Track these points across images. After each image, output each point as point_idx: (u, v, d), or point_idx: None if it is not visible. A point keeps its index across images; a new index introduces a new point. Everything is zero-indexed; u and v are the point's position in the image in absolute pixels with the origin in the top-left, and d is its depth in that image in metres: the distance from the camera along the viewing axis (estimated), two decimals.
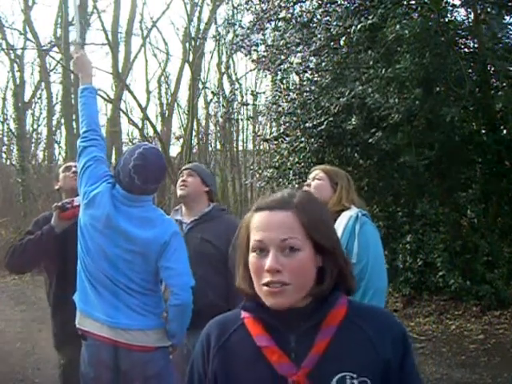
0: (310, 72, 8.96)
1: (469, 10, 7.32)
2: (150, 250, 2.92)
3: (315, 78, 8.69)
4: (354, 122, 7.07)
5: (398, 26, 6.48)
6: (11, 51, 18.72)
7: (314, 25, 8.33)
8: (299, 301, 1.40)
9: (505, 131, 7.48)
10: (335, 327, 1.40)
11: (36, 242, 3.31)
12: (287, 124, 9.20)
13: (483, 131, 7.50)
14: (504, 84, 7.09)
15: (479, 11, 7.11)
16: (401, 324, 1.48)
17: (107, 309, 2.91)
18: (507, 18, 6.99)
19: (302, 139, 8.44)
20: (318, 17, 8.47)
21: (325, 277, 1.42)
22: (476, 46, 7.41)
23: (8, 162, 20.22)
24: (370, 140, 7.00)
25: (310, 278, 1.40)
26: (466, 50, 7.66)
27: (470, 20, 7.39)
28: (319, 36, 7.83)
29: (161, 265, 2.94)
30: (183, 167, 3.83)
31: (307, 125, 7.95)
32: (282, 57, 9.01)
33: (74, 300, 3.02)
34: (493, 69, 7.13)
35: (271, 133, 14.27)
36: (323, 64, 8.36)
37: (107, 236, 2.92)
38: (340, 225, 2.99)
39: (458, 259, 7.21)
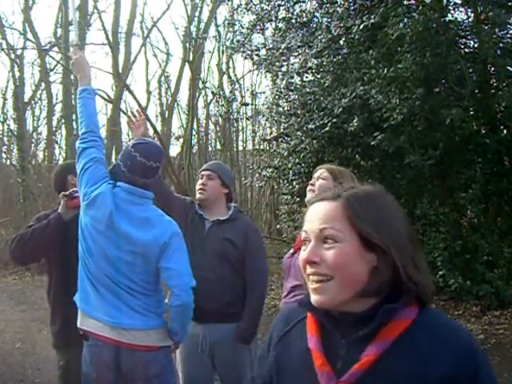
0: (310, 72, 8.95)
1: (469, 9, 7.31)
2: (149, 252, 2.92)
3: (316, 79, 8.68)
4: (355, 124, 7.05)
5: (400, 25, 6.48)
6: (11, 51, 18.70)
7: (315, 26, 8.33)
8: (350, 303, 1.31)
9: (505, 131, 7.47)
10: (390, 342, 1.27)
11: (42, 229, 3.32)
12: (287, 124, 9.20)
13: (483, 131, 7.49)
14: (504, 84, 7.08)
15: (480, 11, 7.10)
16: (469, 336, 1.33)
17: (109, 309, 2.91)
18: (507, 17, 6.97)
19: (303, 139, 8.42)
20: (319, 17, 8.48)
21: (375, 277, 1.31)
22: (476, 45, 7.40)
23: (8, 162, 20.21)
24: (372, 143, 6.99)
25: (356, 275, 1.29)
26: (467, 49, 7.66)
27: (470, 19, 7.38)
28: (320, 37, 7.82)
29: (161, 266, 2.95)
30: (204, 166, 3.80)
31: (310, 126, 7.93)
32: (283, 58, 9.02)
33: (74, 300, 3.02)
34: (493, 68, 7.12)
35: (271, 133, 14.29)
36: (324, 64, 8.35)
37: (108, 237, 2.92)
38: None
39: (458, 259, 7.21)
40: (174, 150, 25.12)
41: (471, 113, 7.17)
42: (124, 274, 2.92)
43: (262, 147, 17.28)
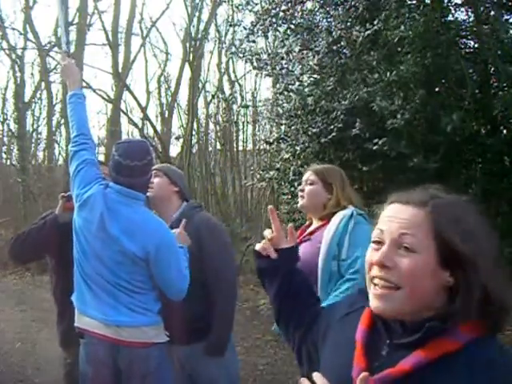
0: (311, 75, 8.96)
1: (470, 9, 7.31)
2: (137, 258, 2.94)
3: (317, 81, 8.68)
4: (358, 127, 7.05)
5: (402, 27, 6.48)
6: (12, 51, 18.70)
7: (316, 29, 8.33)
8: (410, 314, 1.27)
9: (505, 131, 7.47)
10: (429, 359, 1.21)
11: (39, 229, 3.42)
12: (288, 126, 9.20)
13: (483, 131, 7.49)
14: (505, 85, 7.08)
15: (480, 11, 7.10)
16: None
17: (104, 308, 2.95)
18: (508, 17, 6.97)
19: (307, 144, 8.41)
20: (320, 19, 8.48)
21: (457, 295, 1.24)
22: (477, 46, 7.40)
23: (8, 162, 20.23)
24: (375, 148, 6.98)
25: (426, 290, 1.24)
26: (467, 50, 7.66)
27: (471, 20, 7.38)
28: (321, 41, 7.83)
29: (152, 271, 2.97)
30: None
31: (314, 130, 7.92)
32: (283, 62, 9.02)
33: None
34: (493, 69, 7.12)
35: (271, 132, 14.27)
36: (325, 66, 8.35)
37: (100, 238, 2.96)
38: (333, 224, 2.99)
39: None
40: (174, 150, 25.15)
41: (471, 113, 7.16)
42: (117, 273, 2.95)
43: (262, 147, 17.28)
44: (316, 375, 1.28)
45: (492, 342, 1.25)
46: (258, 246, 1.74)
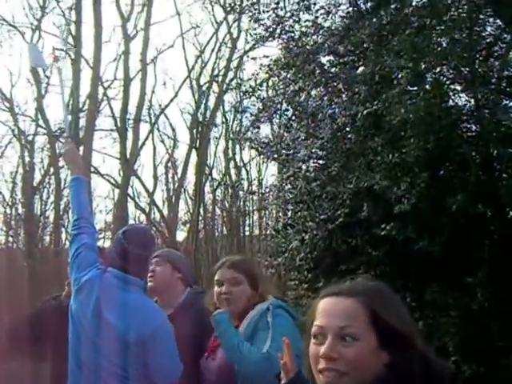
0: (316, 161, 9.09)
1: (470, 95, 7.49)
2: (131, 343, 2.88)
3: (322, 166, 8.80)
4: (365, 212, 7.08)
5: (402, 110, 6.62)
6: (22, 136, 19.20)
7: (320, 115, 8.53)
8: None
9: (511, 213, 7.46)
10: None
11: (39, 315, 3.36)
12: (294, 212, 9.26)
13: (489, 213, 7.48)
14: (508, 166, 7.15)
15: (480, 96, 7.26)
16: None
17: None
18: (507, 102, 7.13)
19: (315, 232, 8.40)
20: (324, 105, 8.70)
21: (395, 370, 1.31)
22: (478, 130, 7.53)
23: (15, 246, 20.28)
24: (382, 233, 6.99)
25: (371, 372, 1.30)
26: (469, 133, 7.78)
27: (471, 104, 7.55)
28: (326, 128, 8.01)
29: (145, 357, 2.91)
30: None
31: (321, 217, 7.96)
32: (289, 149, 9.18)
33: None
34: (495, 152, 7.21)
35: (277, 219, 14.34)
36: (330, 152, 8.48)
37: (94, 323, 2.91)
38: (248, 318, 2.84)
39: (470, 344, 7.03)
40: (181, 235, 25.27)
41: (476, 195, 7.20)
42: (111, 360, 2.88)
43: (269, 232, 17.32)
44: None
45: None
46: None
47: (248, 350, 2.62)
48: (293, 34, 9.31)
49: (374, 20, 7.87)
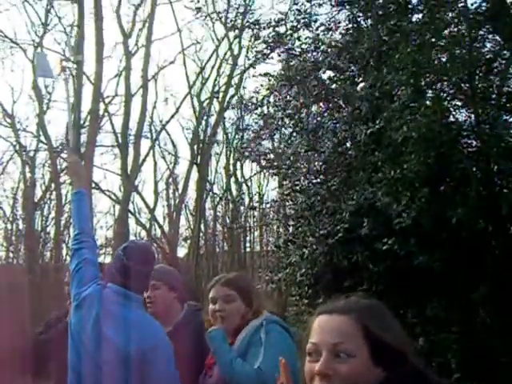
0: (317, 175, 9.10)
1: (470, 110, 7.51)
2: (131, 359, 2.85)
3: (323, 181, 8.80)
4: (365, 228, 7.07)
5: (405, 128, 6.64)
6: (24, 152, 19.26)
7: (321, 131, 8.56)
8: None
9: None
10: None
11: (52, 339, 3.34)
12: (295, 228, 9.24)
13: (490, 228, 7.47)
14: (509, 184, 7.15)
15: (480, 112, 7.29)
16: None
17: None
18: (507, 117, 7.16)
19: (314, 247, 8.39)
20: (325, 121, 8.74)
21: None
22: (479, 145, 7.54)
23: (15, 261, 20.25)
24: (384, 247, 6.98)
25: None
26: (470, 149, 7.79)
27: (471, 120, 7.56)
28: (327, 142, 8.03)
29: (145, 375, 2.87)
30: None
31: (321, 232, 7.95)
32: (290, 163, 9.20)
33: None
34: (496, 167, 7.21)
35: (278, 234, 14.32)
36: (330, 167, 8.49)
37: (94, 339, 2.89)
38: (242, 334, 2.83)
39: (472, 361, 6.98)
40: (182, 251, 25.26)
41: (477, 210, 7.19)
42: (111, 375, 2.85)
43: (270, 248, 17.30)
44: None
45: None
46: None
47: (241, 366, 2.65)
48: (293, 51, 9.39)
49: (374, 35, 7.92)
